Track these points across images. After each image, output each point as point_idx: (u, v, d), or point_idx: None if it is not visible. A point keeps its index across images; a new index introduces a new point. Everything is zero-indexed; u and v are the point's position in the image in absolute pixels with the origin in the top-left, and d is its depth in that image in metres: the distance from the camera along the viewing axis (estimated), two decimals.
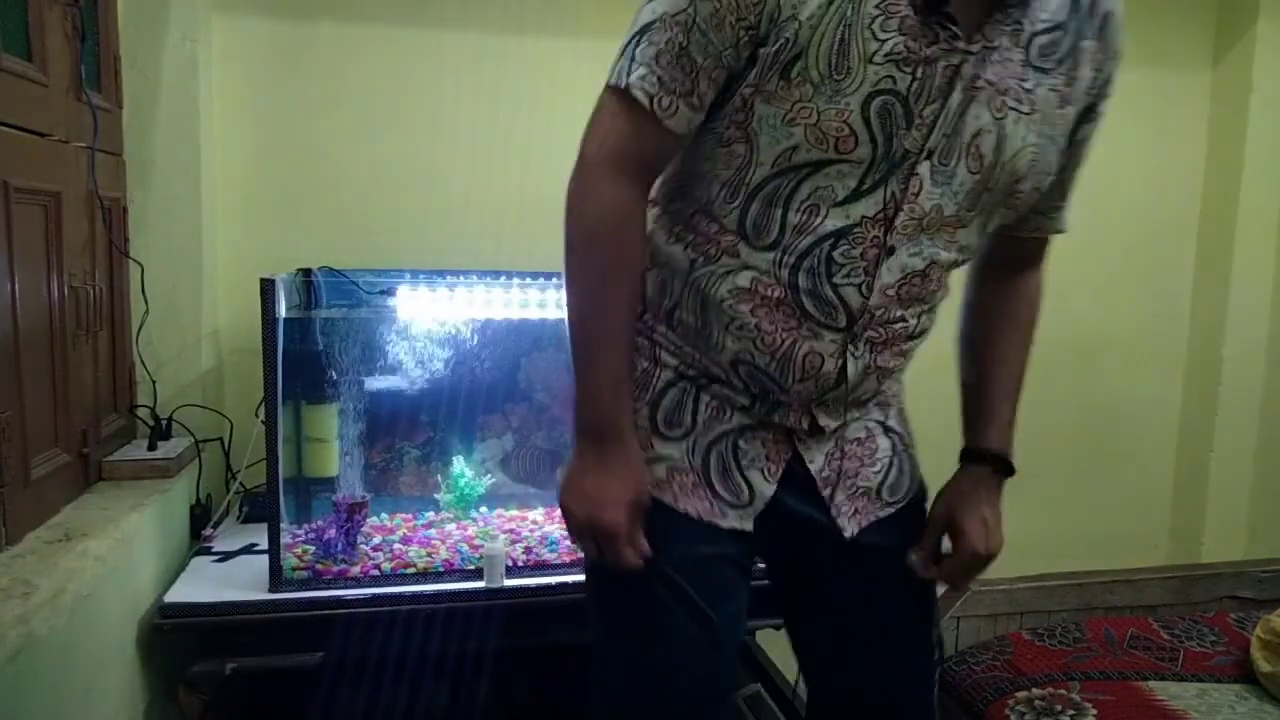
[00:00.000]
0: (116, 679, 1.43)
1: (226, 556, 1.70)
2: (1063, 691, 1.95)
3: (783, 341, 0.97)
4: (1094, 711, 1.86)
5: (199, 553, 1.72)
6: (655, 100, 0.91)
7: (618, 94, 0.94)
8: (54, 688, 1.18)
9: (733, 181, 0.96)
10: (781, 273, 0.95)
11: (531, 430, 2.06)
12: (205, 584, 1.58)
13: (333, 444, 1.85)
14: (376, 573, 1.63)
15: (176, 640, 1.52)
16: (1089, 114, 1.03)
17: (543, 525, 1.90)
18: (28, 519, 1.34)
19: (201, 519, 1.82)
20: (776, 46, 0.88)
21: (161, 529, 1.64)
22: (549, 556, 1.73)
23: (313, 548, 1.68)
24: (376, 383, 1.93)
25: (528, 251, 2.13)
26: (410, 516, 1.92)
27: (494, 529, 1.86)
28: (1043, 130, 0.96)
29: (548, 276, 1.87)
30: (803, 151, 0.91)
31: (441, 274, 1.89)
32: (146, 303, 1.81)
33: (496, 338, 1.98)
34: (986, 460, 1.12)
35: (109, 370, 1.71)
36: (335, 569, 1.63)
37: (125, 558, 1.46)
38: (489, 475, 1.98)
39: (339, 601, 1.56)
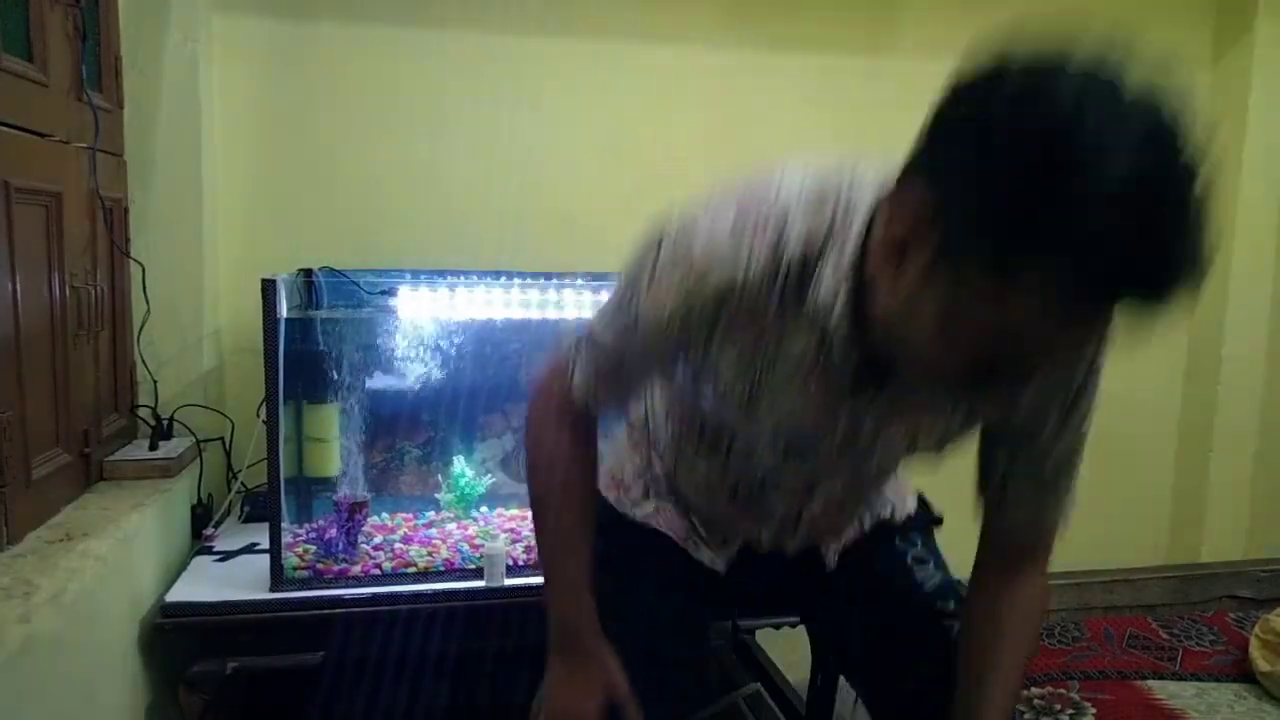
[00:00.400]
0: (117, 678, 1.44)
1: (227, 556, 1.70)
2: (1062, 690, 1.95)
3: (736, 521, 1.14)
4: (1093, 711, 1.86)
5: (200, 552, 1.72)
6: (590, 399, 1.02)
7: (567, 376, 1.03)
8: (55, 687, 1.18)
9: (694, 418, 1.08)
10: (727, 481, 1.09)
11: None
12: (206, 583, 1.58)
13: (334, 444, 1.85)
14: (377, 572, 1.63)
15: (177, 640, 1.52)
16: (1043, 429, 0.95)
17: None
18: (29, 519, 1.35)
19: (202, 519, 1.83)
20: (704, 369, 0.95)
21: (162, 529, 1.64)
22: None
23: (314, 547, 1.68)
24: (377, 382, 1.94)
25: (528, 251, 2.13)
26: (411, 516, 1.92)
27: (494, 528, 1.86)
28: (965, 429, 0.97)
29: (548, 277, 1.87)
30: (732, 437, 1.04)
31: (442, 274, 1.89)
32: (148, 303, 1.82)
33: (497, 338, 1.98)
34: None
35: (110, 370, 1.72)
36: (336, 568, 1.63)
37: (126, 557, 1.47)
38: (489, 475, 1.99)
39: (340, 601, 1.57)
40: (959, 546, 1.16)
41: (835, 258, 0.83)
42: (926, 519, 1.27)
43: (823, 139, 2.35)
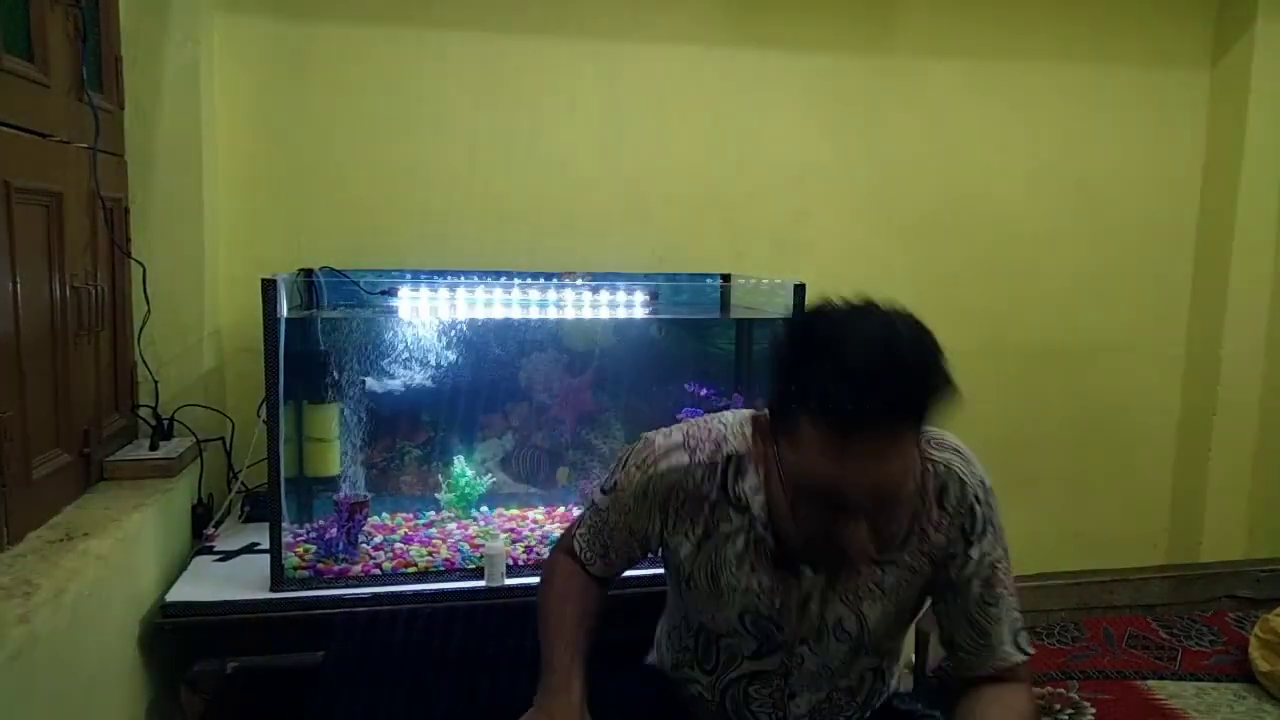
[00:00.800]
0: (118, 678, 1.44)
1: (228, 556, 1.71)
2: (1062, 690, 1.95)
3: None
4: (1093, 710, 1.87)
5: (200, 552, 1.72)
6: (582, 553, 1.26)
7: (575, 528, 1.29)
8: (55, 686, 1.19)
9: (689, 621, 1.26)
10: (715, 692, 1.24)
11: (531, 430, 2.06)
12: (207, 583, 1.59)
13: (334, 443, 1.86)
14: (378, 572, 1.63)
15: (178, 639, 1.52)
16: (952, 562, 1.13)
17: (543, 524, 1.91)
18: (29, 518, 1.35)
19: (203, 518, 1.83)
20: (666, 561, 1.23)
21: (163, 528, 1.64)
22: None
23: (314, 547, 1.68)
24: (377, 382, 1.94)
25: (528, 251, 2.14)
26: (411, 516, 1.92)
27: (494, 528, 1.86)
28: (899, 601, 1.15)
29: (548, 277, 1.87)
30: (712, 625, 1.21)
31: (442, 274, 1.89)
32: (148, 303, 1.82)
33: (496, 338, 1.98)
34: None
35: (110, 370, 1.72)
36: (336, 568, 1.63)
37: (127, 557, 1.47)
38: (489, 475, 1.99)
39: (340, 600, 1.57)
40: None
41: (758, 461, 1.14)
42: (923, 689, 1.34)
43: (822, 138, 2.35)
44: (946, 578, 1.13)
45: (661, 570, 1.31)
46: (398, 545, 1.74)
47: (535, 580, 1.63)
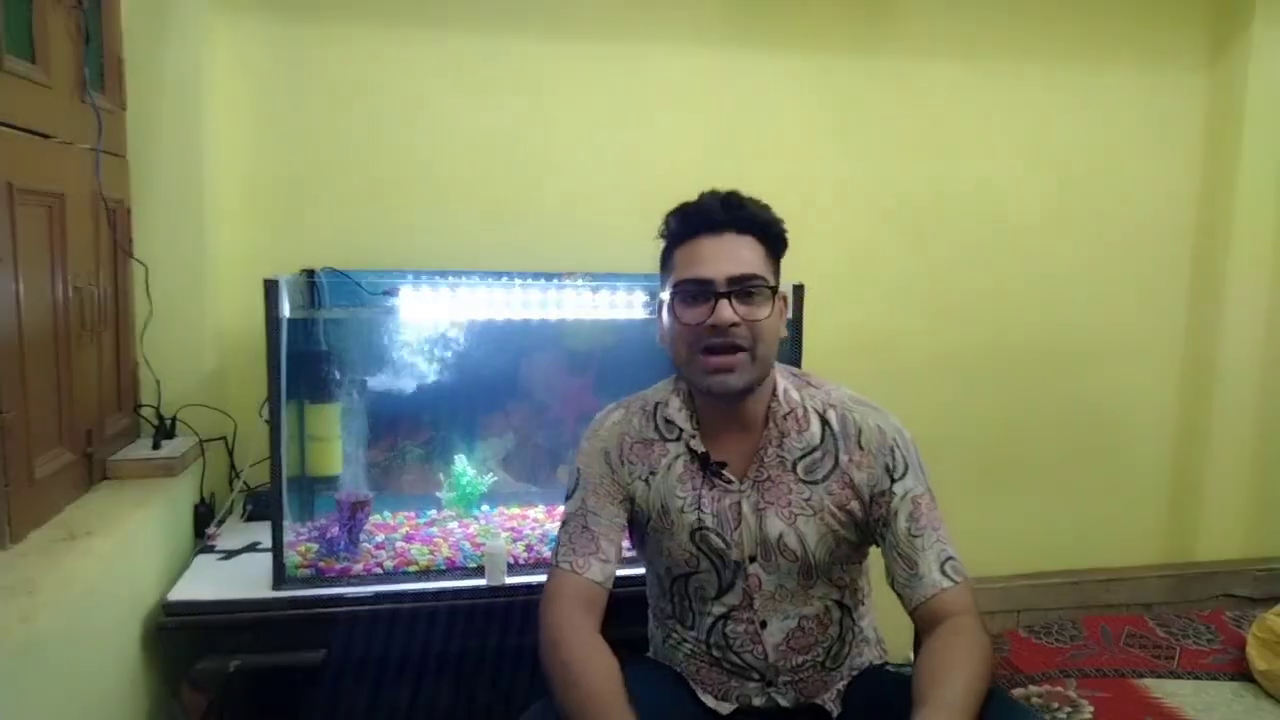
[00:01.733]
0: (120, 676, 1.44)
1: (230, 555, 1.71)
2: (1060, 689, 1.96)
3: (720, 687, 1.35)
4: (1091, 709, 1.87)
5: (203, 551, 1.73)
6: (574, 565, 1.28)
7: (552, 562, 1.32)
8: (58, 685, 1.19)
9: (662, 580, 1.38)
10: (700, 644, 1.35)
11: (532, 429, 2.07)
12: (209, 582, 1.59)
13: (336, 443, 1.86)
14: (379, 570, 1.64)
15: (180, 638, 1.53)
16: (881, 498, 1.28)
17: (544, 523, 1.91)
18: (32, 517, 1.35)
19: (205, 517, 1.83)
20: (633, 521, 1.36)
21: (165, 527, 1.65)
22: (550, 554, 1.74)
23: (316, 546, 1.69)
24: (379, 382, 1.94)
25: (528, 251, 2.14)
26: (413, 514, 1.93)
27: (495, 527, 1.87)
28: (831, 523, 1.29)
29: (548, 277, 1.88)
30: (677, 567, 1.34)
31: (442, 274, 1.90)
32: (150, 303, 1.83)
33: (497, 338, 1.99)
34: None
35: (113, 370, 1.72)
36: (338, 567, 1.64)
37: (129, 556, 1.47)
38: (490, 474, 1.99)
39: (342, 599, 1.58)
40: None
41: (677, 392, 1.37)
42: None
43: (821, 138, 2.36)
44: (880, 515, 1.28)
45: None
46: (399, 544, 1.75)
47: (536, 580, 1.65)
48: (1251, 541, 2.67)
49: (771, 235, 1.29)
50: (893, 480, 1.27)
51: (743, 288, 1.25)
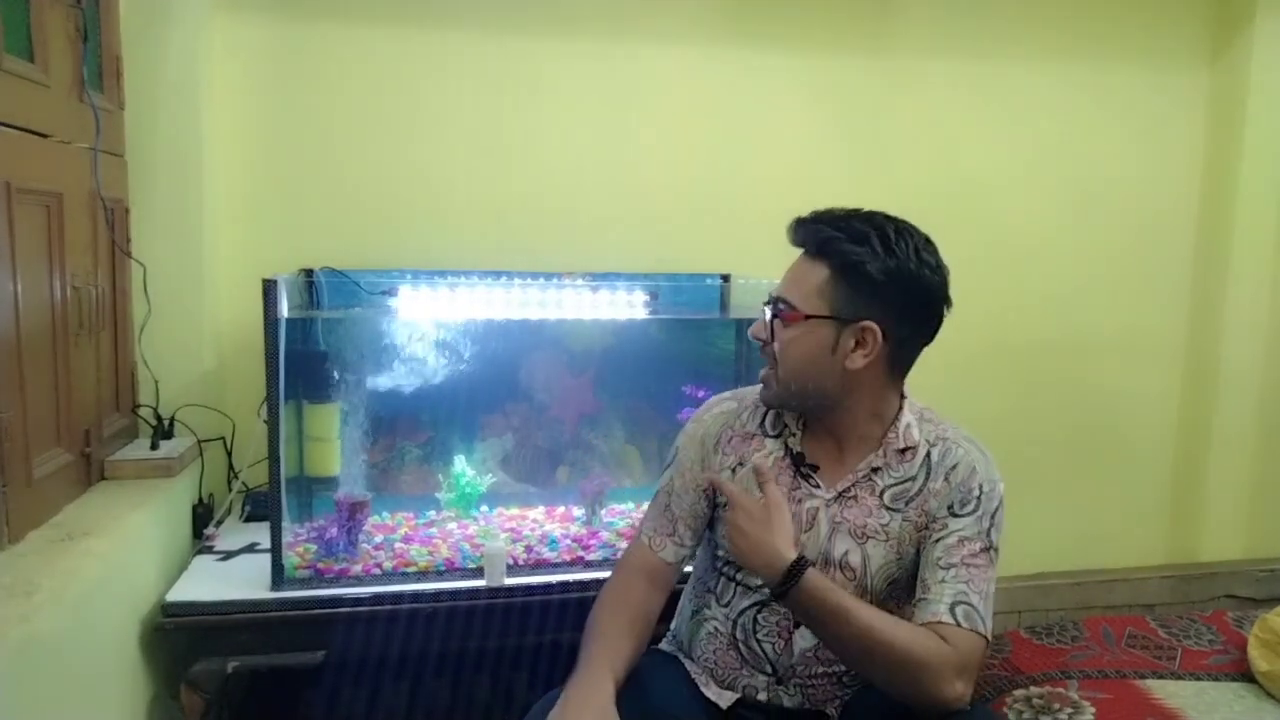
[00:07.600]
0: (118, 677, 1.44)
1: (228, 555, 1.71)
2: (1061, 690, 1.95)
3: (729, 674, 1.33)
4: (1092, 710, 1.87)
5: (201, 552, 1.72)
6: (650, 540, 1.36)
7: (638, 531, 1.39)
8: (56, 686, 1.19)
9: (717, 560, 1.37)
10: (727, 623, 1.33)
11: (532, 430, 2.06)
12: (207, 583, 1.59)
13: (334, 443, 1.86)
14: (378, 571, 1.63)
15: (178, 639, 1.52)
16: (933, 525, 1.25)
17: (543, 524, 1.91)
18: (30, 518, 1.35)
19: (204, 518, 1.83)
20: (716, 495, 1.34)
21: (163, 528, 1.65)
22: (549, 555, 1.74)
23: (315, 546, 1.69)
24: (378, 382, 1.94)
25: (528, 251, 2.14)
26: (411, 515, 1.93)
27: (495, 528, 1.86)
28: (901, 551, 1.26)
29: (548, 277, 1.87)
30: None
31: (442, 274, 1.89)
32: (149, 303, 1.82)
33: (496, 338, 1.99)
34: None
35: (111, 370, 1.72)
36: (337, 568, 1.63)
37: (127, 557, 1.47)
38: (490, 474, 1.99)
39: (341, 600, 1.57)
40: None
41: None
42: None
43: (822, 138, 2.35)
44: (924, 538, 1.25)
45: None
46: (398, 545, 1.75)
47: (535, 580, 1.65)
48: (1253, 542, 2.66)
49: (845, 264, 1.22)
50: (952, 515, 1.23)
51: (773, 308, 1.27)
